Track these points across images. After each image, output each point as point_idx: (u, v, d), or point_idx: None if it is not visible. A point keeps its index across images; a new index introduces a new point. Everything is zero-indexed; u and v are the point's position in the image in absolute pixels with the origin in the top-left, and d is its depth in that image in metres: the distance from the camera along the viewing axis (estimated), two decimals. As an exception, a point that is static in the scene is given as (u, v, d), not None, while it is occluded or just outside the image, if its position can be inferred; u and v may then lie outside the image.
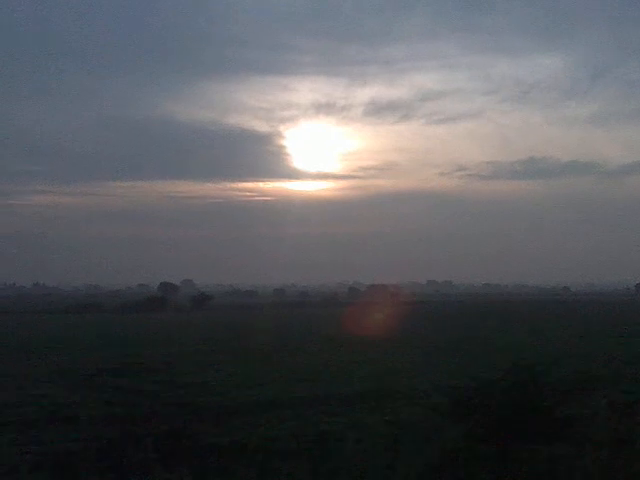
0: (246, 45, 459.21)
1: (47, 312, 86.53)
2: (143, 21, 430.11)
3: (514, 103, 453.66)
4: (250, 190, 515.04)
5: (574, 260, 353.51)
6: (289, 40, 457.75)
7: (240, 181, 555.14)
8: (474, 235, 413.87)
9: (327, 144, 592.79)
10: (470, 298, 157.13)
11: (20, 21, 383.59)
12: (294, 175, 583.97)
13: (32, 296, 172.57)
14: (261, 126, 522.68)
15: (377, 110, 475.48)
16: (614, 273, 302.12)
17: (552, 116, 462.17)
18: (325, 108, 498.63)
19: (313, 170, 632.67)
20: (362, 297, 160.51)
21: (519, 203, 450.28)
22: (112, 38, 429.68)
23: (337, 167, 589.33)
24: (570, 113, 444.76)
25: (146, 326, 57.38)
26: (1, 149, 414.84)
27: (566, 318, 63.28)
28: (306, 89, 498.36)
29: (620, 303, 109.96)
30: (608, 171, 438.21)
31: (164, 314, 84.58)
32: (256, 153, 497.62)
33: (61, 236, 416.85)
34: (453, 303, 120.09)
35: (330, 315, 71.46)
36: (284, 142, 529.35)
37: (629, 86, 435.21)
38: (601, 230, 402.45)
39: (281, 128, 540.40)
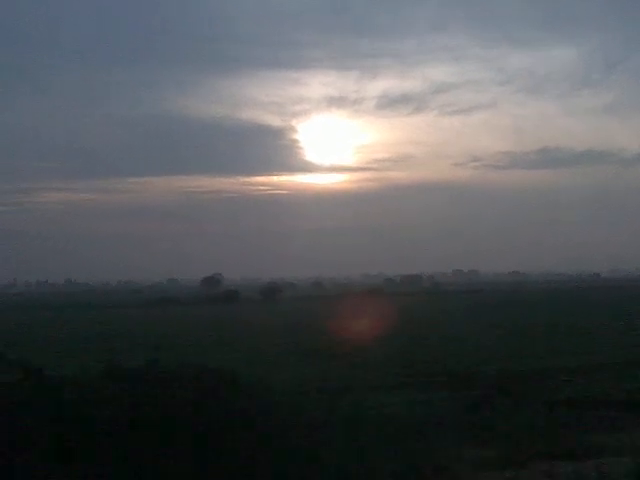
0: (257, 41, 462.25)
1: (142, 306, 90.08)
2: (155, 18, 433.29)
3: (528, 94, 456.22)
4: (264, 184, 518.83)
5: (592, 248, 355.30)
6: (300, 35, 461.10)
7: (254, 175, 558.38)
8: (491, 225, 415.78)
9: (340, 137, 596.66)
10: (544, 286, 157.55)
11: (28, 19, 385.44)
12: (307, 168, 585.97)
13: (118, 292, 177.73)
14: (274, 120, 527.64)
15: (390, 103, 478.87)
16: (633, 260, 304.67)
17: (566, 106, 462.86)
18: (337, 101, 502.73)
19: (327, 163, 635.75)
20: (401, 287, 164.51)
21: (535, 192, 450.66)
22: (124, 35, 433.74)
23: (351, 160, 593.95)
24: (584, 103, 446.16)
25: (273, 313, 60.91)
26: (14, 147, 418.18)
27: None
28: (317, 83, 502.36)
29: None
30: (624, 159, 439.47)
31: (242, 306, 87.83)
32: (269, 147, 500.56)
33: (77, 233, 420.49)
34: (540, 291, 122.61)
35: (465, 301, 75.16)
36: (297, 136, 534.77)
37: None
38: (618, 218, 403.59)
39: (294, 122, 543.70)
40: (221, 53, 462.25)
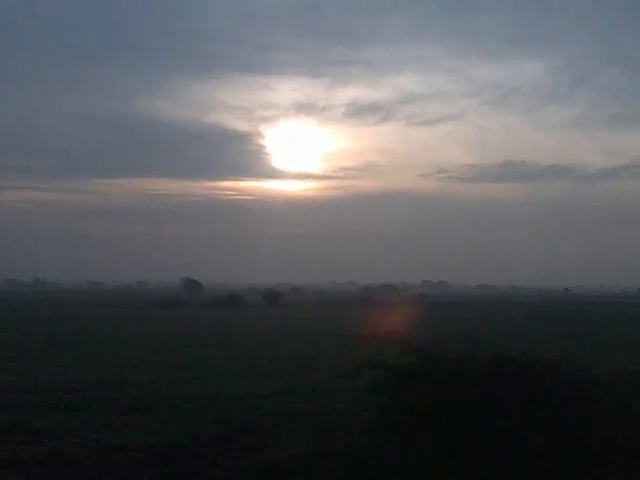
0: (228, 44, 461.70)
1: (153, 306, 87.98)
2: (125, 18, 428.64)
3: (495, 106, 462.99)
4: (230, 189, 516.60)
5: (557, 262, 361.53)
6: (272, 39, 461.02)
7: (220, 180, 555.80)
8: (456, 237, 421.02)
9: (307, 144, 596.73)
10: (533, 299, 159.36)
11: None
12: (274, 175, 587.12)
13: (129, 293, 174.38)
14: (241, 125, 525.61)
15: (358, 111, 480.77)
16: (595, 276, 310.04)
17: (532, 120, 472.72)
18: (305, 108, 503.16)
19: (293, 170, 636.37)
20: (382, 297, 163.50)
21: (499, 205, 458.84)
22: (92, 32, 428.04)
23: (317, 167, 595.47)
24: (550, 118, 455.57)
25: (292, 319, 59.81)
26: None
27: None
28: (287, 89, 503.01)
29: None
30: (587, 175, 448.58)
31: (246, 311, 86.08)
32: (236, 152, 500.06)
33: (42, 232, 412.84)
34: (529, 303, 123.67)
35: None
36: (264, 142, 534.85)
37: (609, 92, 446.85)
38: (580, 233, 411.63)
39: (261, 127, 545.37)
40: (191, 54, 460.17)
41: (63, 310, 76.74)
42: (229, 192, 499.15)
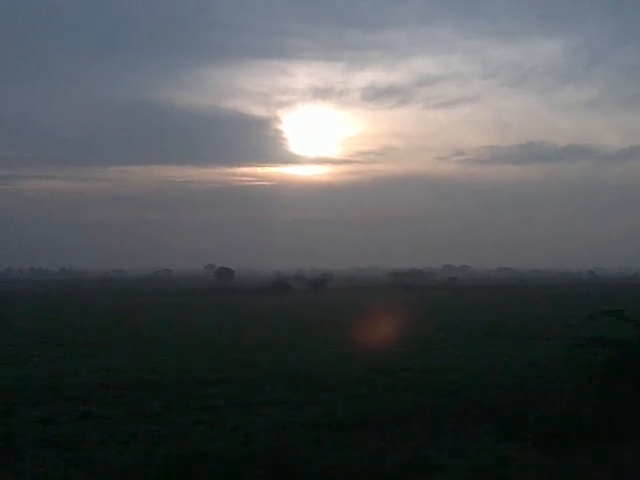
0: (244, 30, 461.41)
1: (209, 294, 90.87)
2: (140, 6, 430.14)
3: (512, 88, 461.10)
4: (248, 175, 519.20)
5: (577, 244, 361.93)
6: (288, 25, 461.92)
7: (238, 166, 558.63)
8: (475, 220, 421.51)
9: (325, 129, 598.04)
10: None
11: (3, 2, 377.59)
12: (292, 160, 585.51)
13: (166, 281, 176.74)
14: (259, 111, 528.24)
15: (375, 95, 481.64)
16: (615, 258, 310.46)
17: (550, 101, 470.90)
18: (322, 93, 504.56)
19: (311, 155, 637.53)
20: (417, 282, 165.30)
21: (517, 187, 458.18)
22: (108, 21, 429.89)
23: (335, 152, 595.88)
24: (568, 98, 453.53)
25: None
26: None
27: None
28: (304, 74, 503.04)
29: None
30: (606, 155, 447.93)
31: (294, 296, 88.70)
32: (254, 138, 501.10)
33: (60, 221, 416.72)
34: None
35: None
36: (281, 127, 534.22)
37: (627, 71, 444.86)
38: (599, 214, 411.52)
39: (279, 113, 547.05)
40: (207, 40, 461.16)
41: (171, 300, 79.66)
42: (247, 178, 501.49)
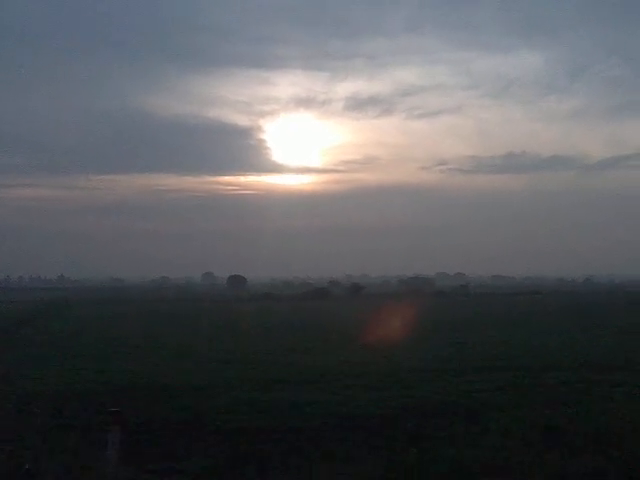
0: (228, 38, 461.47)
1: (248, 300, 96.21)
2: (122, 14, 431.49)
3: (494, 98, 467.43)
4: (230, 184, 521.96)
5: (562, 252, 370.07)
6: (271, 34, 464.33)
7: (221, 175, 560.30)
8: (457, 228, 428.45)
9: (308, 138, 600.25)
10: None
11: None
12: (275, 169, 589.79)
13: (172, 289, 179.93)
14: (241, 120, 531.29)
15: (358, 104, 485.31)
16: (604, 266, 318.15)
17: (532, 111, 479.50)
18: (305, 102, 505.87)
19: (294, 164, 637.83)
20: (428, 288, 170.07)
21: (501, 197, 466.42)
22: (91, 29, 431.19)
23: (318, 161, 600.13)
24: (550, 109, 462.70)
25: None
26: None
27: None
28: (286, 83, 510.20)
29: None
30: (588, 165, 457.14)
31: (333, 302, 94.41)
32: (236, 147, 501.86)
33: (46, 229, 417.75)
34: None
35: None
36: (264, 136, 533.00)
37: (608, 83, 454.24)
38: (583, 224, 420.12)
39: (261, 122, 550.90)
40: (190, 49, 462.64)
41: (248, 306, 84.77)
42: (230, 187, 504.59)
